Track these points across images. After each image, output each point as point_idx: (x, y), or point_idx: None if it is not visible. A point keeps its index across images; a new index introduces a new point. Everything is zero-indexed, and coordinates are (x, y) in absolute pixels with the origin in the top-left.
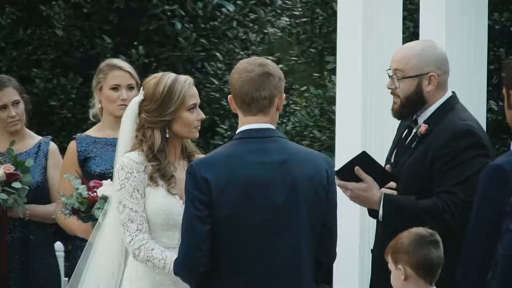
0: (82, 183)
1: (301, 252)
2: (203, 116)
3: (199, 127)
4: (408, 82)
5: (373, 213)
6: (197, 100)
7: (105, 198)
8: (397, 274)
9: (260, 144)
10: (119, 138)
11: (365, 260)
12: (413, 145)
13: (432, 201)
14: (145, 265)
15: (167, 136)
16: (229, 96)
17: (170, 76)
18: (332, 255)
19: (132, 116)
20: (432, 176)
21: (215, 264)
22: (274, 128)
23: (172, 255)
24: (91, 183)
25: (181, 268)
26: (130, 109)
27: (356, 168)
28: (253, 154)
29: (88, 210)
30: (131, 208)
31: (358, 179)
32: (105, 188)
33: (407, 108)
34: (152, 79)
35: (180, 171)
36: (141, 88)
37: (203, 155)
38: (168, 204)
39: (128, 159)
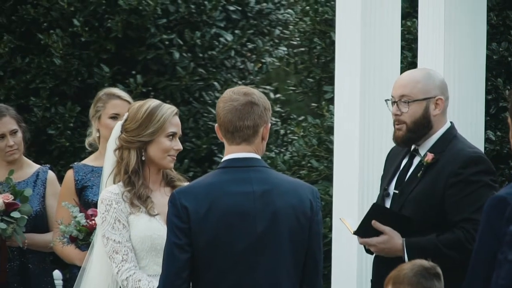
0: (80, 212)
1: (282, 282)
2: (180, 147)
3: (174, 158)
4: (416, 106)
5: (370, 251)
6: (178, 130)
7: None
8: None
9: (243, 174)
10: (105, 161)
11: None
12: (419, 174)
13: (452, 234)
14: None
15: (143, 158)
16: (216, 125)
17: (155, 102)
18: (316, 285)
19: (116, 138)
20: (445, 204)
21: None
22: (259, 157)
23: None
24: (89, 211)
25: None
26: (115, 131)
27: (373, 222)
28: (236, 183)
29: (86, 238)
30: (114, 240)
31: (378, 233)
32: None
33: (414, 133)
34: (138, 102)
35: (160, 196)
36: (126, 113)
37: (187, 183)
38: (151, 229)
39: (106, 192)
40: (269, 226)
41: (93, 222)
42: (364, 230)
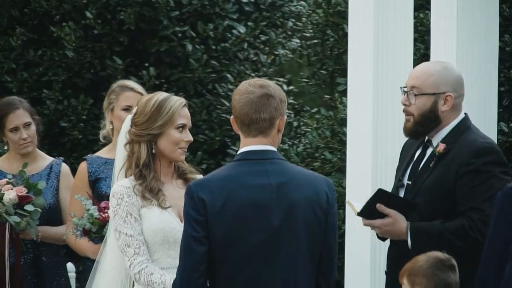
0: (93, 204)
1: (298, 275)
2: (190, 138)
3: (185, 151)
4: (423, 99)
5: (383, 238)
6: (187, 122)
7: None
8: None
9: (259, 166)
10: (116, 155)
11: (376, 281)
12: (431, 165)
13: (458, 221)
14: None
15: (153, 152)
16: (231, 117)
17: (163, 94)
18: (331, 277)
19: (127, 132)
20: (456, 193)
21: (212, 285)
22: (275, 150)
23: (171, 279)
24: (102, 204)
25: (179, 285)
26: (125, 125)
27: (378, 205)
28: (252, 176)
29: (99, 231)
30: (126, 233)
31: (382, 215)
32: None
33: (421, 126)
34: (147, 96)
35: (172, 189)
36: (135, 108)
37: (201, 175)
38: (163, 221)
39: (118, 186)
40: (285, 219)
41: (106, 214)
42: (369, 213)
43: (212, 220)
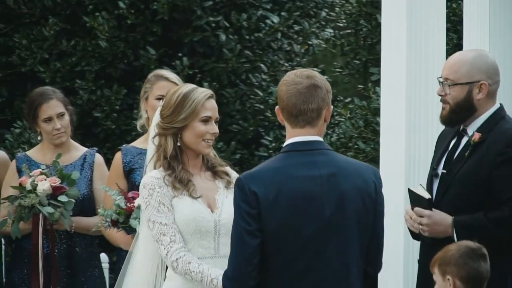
0: (120, 194)
1: (350, 264)
2: (216, 131)
3: (210, 143)
4: (458, 89)
5: (415, 236)
6: (213, 114)
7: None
8: (444, 286)
9: (309, 157)
10: (148, 145)
11: (409, 270)
12: (466, 154)
13: (500, 212)
14: (183, 277)
15: (179, 144)
16: (277, 107)
17: (189, 86)
18: (378, 266)
19: (156, 124)
20: (492, 183)
21: (264, 277)
22: (322, 140)
23: (209, 268)
24: (130, 194)
25: (231, 282)
26: (155, 118)
27: (415, 209)
28: (302, 167)
29: (126, 221)
30: (161, 222)
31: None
32: None
33: (457, 114)
34: (174, 88)
35: (201, 181)
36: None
37: (229, 168)
38: (194, 211)
39: (148, 177)
40: (337, 209)
41: (132, 204)
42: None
43: (265, 213)
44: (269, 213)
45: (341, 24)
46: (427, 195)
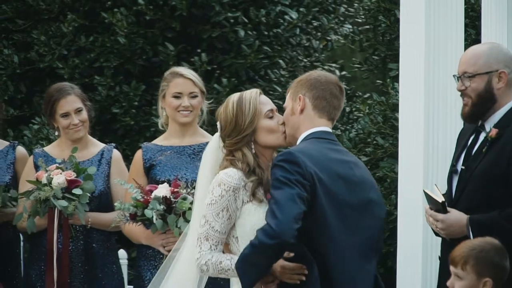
0: (136, 188)
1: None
2: (283, 119)
3: (284, 133)
4: (478, 80)
5: (436, 232)
6: (271, 106)
7: (158, 199)
8: (475, 286)
9: (335, 145)
10: (200, 169)
11: (427, 266)
12: (484, 150)
13: None
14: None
15: (253, 151)
16: (301, 95)
17: (235, 95)
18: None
19: (214, 149)
20: (508, 178)
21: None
22: None
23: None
24: (147, 187)
25: (272, 239)
26: (212, 143)
27: (430, 213)
28: (334, 152)
29: (143, 214)
30: (213, 227)
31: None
32: (160, 189)
33: (478, 108)
34: (220, 109)
35: None
36: (218, 123)
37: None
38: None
39: (226, 176)
40: (365, 193)
41: (149, 197)
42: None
43: (313, 189)
44: (316, 189)
45: (360, 20)
46: (440, 199)
